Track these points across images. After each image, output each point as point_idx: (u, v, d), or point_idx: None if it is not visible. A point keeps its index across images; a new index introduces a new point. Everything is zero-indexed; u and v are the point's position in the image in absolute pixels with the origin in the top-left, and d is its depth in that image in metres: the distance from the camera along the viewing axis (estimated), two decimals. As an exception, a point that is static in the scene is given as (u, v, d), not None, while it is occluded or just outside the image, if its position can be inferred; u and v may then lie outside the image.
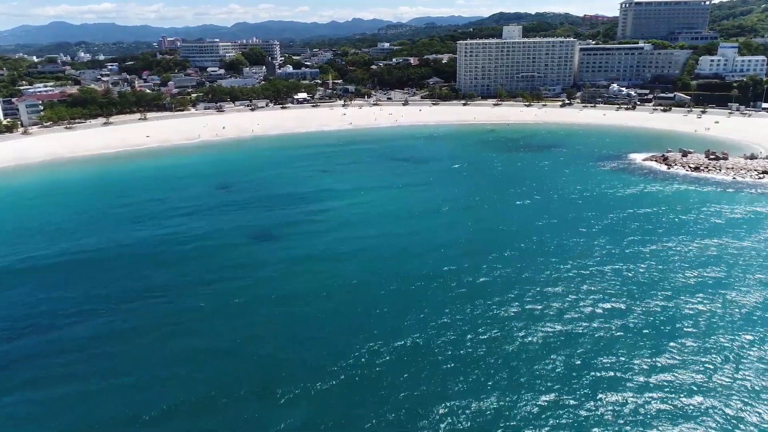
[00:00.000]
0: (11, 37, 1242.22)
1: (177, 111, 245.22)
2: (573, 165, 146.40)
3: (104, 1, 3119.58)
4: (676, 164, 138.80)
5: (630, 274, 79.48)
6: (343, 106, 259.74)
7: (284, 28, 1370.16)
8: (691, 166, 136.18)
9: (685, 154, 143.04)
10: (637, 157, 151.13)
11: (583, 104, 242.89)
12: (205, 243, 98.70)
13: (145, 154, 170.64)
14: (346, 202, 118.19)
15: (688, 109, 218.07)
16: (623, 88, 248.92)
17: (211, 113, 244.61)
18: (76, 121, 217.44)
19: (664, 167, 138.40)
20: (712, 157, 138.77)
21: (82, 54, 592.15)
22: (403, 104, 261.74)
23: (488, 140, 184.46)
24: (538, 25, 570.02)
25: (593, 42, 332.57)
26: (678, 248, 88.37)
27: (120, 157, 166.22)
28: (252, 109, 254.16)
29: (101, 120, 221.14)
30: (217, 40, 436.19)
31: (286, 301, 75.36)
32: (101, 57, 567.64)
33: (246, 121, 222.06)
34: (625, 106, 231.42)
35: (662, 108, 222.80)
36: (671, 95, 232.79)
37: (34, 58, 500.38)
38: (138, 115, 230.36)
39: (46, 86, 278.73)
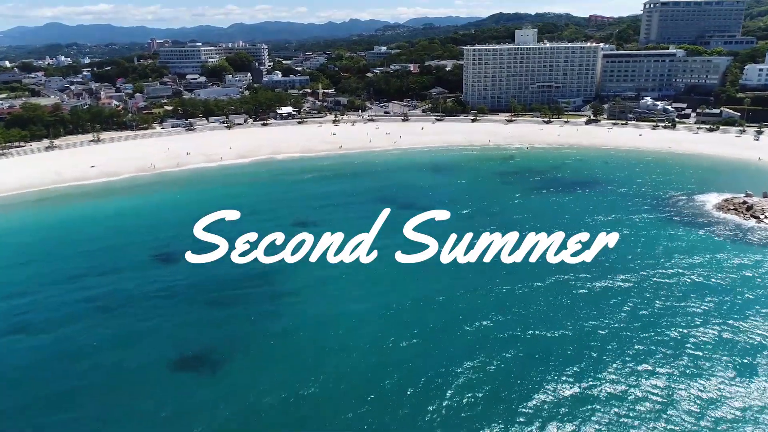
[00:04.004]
0: (6, 39, 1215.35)
1: (140, 130, 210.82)
2: (621, 214, 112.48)
3: (101, 2, 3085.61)
4: (765, 216, 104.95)
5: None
6: (334, 122, 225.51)
7: (281, 29, 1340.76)
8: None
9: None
10: (706, 201, 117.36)
11: (612, 121, 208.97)
12: (106, 369, 65.94)
13: (80, 194, 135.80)
14: (324, 291, 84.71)
15: (740, 128, 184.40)
16: (657, 102, 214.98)
17: (179, 132, 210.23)
18: (15, 145, 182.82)
19: (750, 220, 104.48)
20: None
21: (63, 58, 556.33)
22: (403, 120, 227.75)
23: (506, 173, 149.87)
24: (543, 26, 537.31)
25: (614, 47, 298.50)
26: None
27: (46, 199, 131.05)
28: (228, 127, 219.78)
29: (45, 143, 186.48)
30: (199, 44, 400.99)
31: None
32: (87, 60, 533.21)
33: (217, 143, 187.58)
34: (663, 124, 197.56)
35: (708, 127, 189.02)
36: (717, 111, 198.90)
37: (7, 63, 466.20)
38: (91, 136, 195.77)
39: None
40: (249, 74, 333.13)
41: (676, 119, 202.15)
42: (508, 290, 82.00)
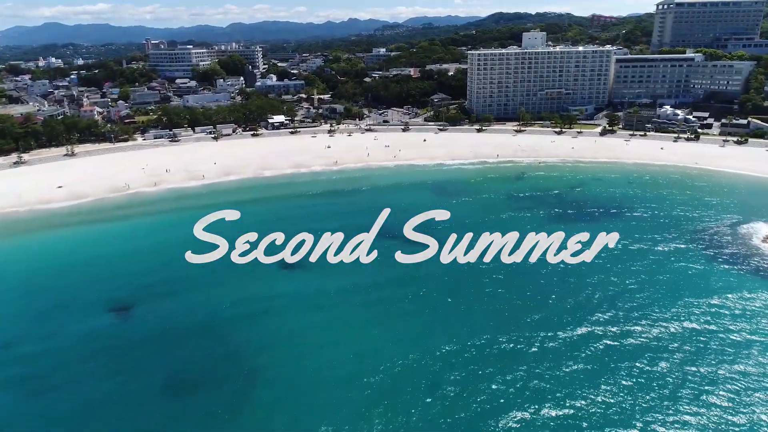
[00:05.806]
0: (4, 39, 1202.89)
1: (120, 142, 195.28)
2: (651, 245, 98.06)
3: (99, 2, 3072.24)
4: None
5: None
6: (329, 132, 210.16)
7: (280, 29, 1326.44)
8: None
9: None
10: (753, 233, 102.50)
11: (629, 132, 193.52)
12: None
13: (38, 220, 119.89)
14: (299, 350, 70.00)
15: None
16: (678, 111, 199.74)
17: (161, 144, 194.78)
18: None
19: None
20: None
21: (53, 60, 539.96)
22: (403, 129, 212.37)
23: (517, 195, 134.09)
24: (547, 27, 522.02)
25: (627, 51, 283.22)
26: None
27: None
28: (215, 138, 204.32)
29: (14, 158, 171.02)
30: (190, 46, 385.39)
31: None
32: (81, 61, 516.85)
33: (201, 157, 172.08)
34: (685, 136, 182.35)
35: (735, 139, 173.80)
36: (744, 121, 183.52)
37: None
38: (65, 150, 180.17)
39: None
40: (242, 78, 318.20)
41: (699, 130, 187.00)
42: (521, 347, 67.90)
